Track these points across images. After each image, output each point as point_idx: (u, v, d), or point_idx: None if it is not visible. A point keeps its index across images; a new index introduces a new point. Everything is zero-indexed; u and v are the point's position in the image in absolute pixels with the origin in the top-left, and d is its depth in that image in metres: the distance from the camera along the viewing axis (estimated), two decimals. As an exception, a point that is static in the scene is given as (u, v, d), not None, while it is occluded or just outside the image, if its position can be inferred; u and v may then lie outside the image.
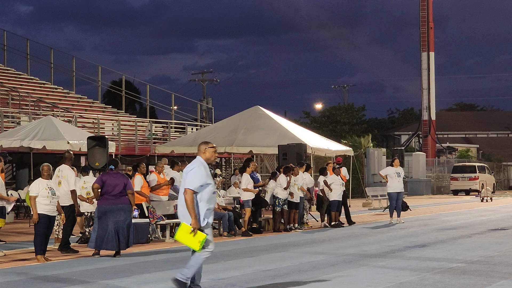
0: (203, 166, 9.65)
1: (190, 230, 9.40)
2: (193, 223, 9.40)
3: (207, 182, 9.59)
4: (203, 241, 9.42)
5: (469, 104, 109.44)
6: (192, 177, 9.53)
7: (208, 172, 9.69)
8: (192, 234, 9.39)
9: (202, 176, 9.56)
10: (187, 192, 9.47)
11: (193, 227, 9.39)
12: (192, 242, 9.42)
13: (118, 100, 46.79)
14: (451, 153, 66.71)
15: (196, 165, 9.64)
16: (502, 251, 15.33)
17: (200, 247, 9.44)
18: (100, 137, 20.53)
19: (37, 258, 14.25)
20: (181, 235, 9.48)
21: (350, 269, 12.80)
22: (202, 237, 9.41)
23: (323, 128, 69.59)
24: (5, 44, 42.31)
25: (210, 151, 9.81)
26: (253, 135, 27.44)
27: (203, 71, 73.17)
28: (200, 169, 9.58)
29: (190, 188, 9.48)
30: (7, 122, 31.74)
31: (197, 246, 9.43)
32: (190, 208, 9.42)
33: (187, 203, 9.44)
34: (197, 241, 9.40)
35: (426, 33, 61.75)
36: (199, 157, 9.78)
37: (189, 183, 9.51)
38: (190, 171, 9.59)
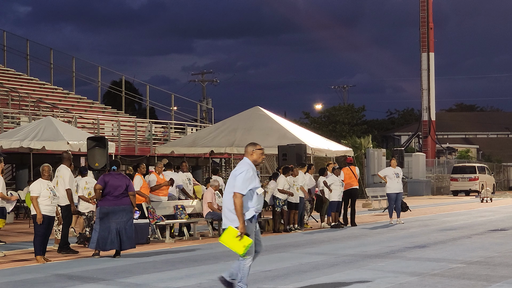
0: (251, 168, 9.64)
1: (236, 234, 9.40)
2: (241, 228, 9.39)
3: (256, 185, 9.58)
4: (248, 246, 9.42)
5: (469, 104, 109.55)
6: (241, 181, 9.50)
7: (256, 174, 9.68)
8: (238, 238, 9.39)
9: (251, 180, 9.55)
10: (237, 196, 9.44)
11: (241, 232, 9.38)
12: (237, 246, 9.43)
13: (118, 101, 46.77)
14: (451, 153, 66.73)
15: (245, 168, 9.60)
16: (502, 251, 15.32)
17: (245, 252, 9.43)
18: (100, 137, 20.54)
19: (37, 259, 14.25)
20: (227, 239, 9.48)
21: (350, 270, 12.79)
22: (248, 242, 9.41)
23: (323, 128, 69.59)
24: (5, 44, 42.32)
25: (258, 153, 9.79)
26: (253, 135, 27.39)
27: (203, 72, 73.21)
28: (249, 173, 9.56)
29: (239, 192, 9.45)
30: (7, 123, 31.73)
31: (241, 250, 9.43)
32: (239, 213, 9.41)
33: (236, 207, 9.43)
34: (242, 245, 9.40)
35: (426, 34, 61.76)
36: (246, 159, 9.76)
37: (238, 187, 9.48)
38: (239, 174, 9.56)
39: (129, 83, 56.92)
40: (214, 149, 27.75)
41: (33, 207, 14.24)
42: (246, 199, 9.50)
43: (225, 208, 9.65)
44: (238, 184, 9.49)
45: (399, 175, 24.09)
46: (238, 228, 9.40)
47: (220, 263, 13.97)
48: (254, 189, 9.54)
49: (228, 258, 14.70)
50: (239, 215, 9.41)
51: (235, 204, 9.44)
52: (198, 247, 17.18)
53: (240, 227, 9.40)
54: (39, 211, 14.14)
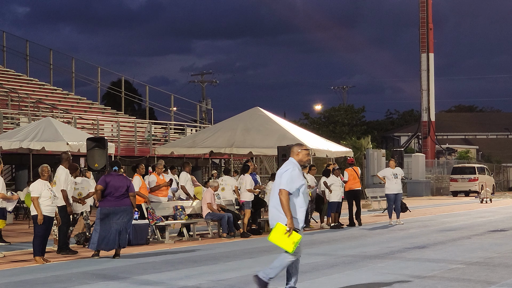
0: (297, 167, 9.70)
1: (285, 231, 9.39)
2: (289, 223, 9.40)
3: (301, 183, 9.62)
4: (298, 242, 9.43)
5: (468, 105, 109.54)
6: (287, 178, 9.55)
7: (301, 173, 9.73)
8: (287, 234, 9.39)
9: (297, 177, 9.59)
10: (283, 193, 9.48)
11: (289, 227, 9.39)
12: (286, 243, 9.43)
13: (117, 101, 46.79)
14: (450, 154, 66.74)
15: (290, 166, 9.67)
16: (501, 252, 15.32)
17: (294, 248, 9.44)
18: (100, 138, 20.53)
19: (36, 260, 14.23)
20: (275, 236, 9.48)
21: (349, 271, 12.79)
22: (297, 238, 9.42)
23: (322, 129, 69.60)
24: (4, 45, 42.34)
25: (304, 153, 9.87)
26: (252, 136, 27.42)
27: (203, 72, 73.21)
28: (294, 171, 9.61)
29: (285, 189, 9.49)
30: (7, 124, 31.73)
31: (290, 247, 9.44)
32: (286, 209, 9.43)
33: (283, 203, 9.45)
34: (291, 242, 9.40)
35: (426, 34, 61.77)
36: (292, 159, 9.83)
37: (284, 184, 9.52)
38: (284, 172, 9.62)
39: (129, 84, 56.95)
40: (213, 149, 27.74)
41: (34, 208, 14.22)
42: (292, 197, 9.53)
43: (272, 207, 9.67)
44: (283, 181, 9.54)
45: (398, 175, 24.06)
46: (287, 224, 9.40)
47: (219, 263, 13.97)
48: (300, 188, 9.58)
49: (227, 259, 14.69)
50: (286, 211, 9.43)
51: (281, 201, 9.46)
52: (198, 247, 17.18)
53: (289, 222, 9.40)
54: (40, 211, 14.14)
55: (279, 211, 9.55)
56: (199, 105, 50.71)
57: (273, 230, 9.51)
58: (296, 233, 9.43)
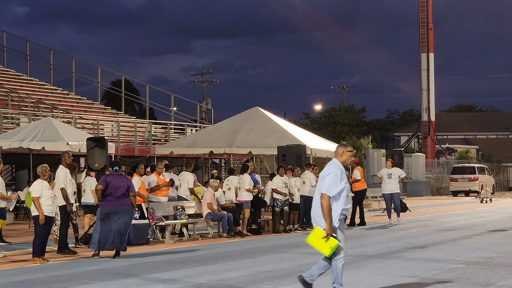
0: (340, 169, 9.62)
1: (323, 235, 9.38)
2: (327, 229, 9.37)
3: (343, 187, 9.55)
4: (334, 247, 9.39)
5: (468, 105, 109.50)
6: (329, 182, 9.49)
7: (344, 175, 9.67)
8: (324, 239, 9.37)
9: (339, 181, 9.53)
10: (324, 198, 9.43)
11: (327, 233, 9.36)
12: (323, 247, 9.41)
13: (117, 101, 46.79)
14: (450, 154, 66.75)
15: (333, 169, 9.58)
16: (501, 252, 15.32)
17: (331, 253, 9.41)
18: (100, 138, 20.53)
19: (35, 260, 14.22)
20: (313, 239, 9.47)
21: (349, 270, 12.78)
22: (334, 243, 9.38)
23: (322, 129, 69.61)
24: (4, 45, 42.33)
25: (348, 154, 9.79)
26: (252, 136, 27.43)
27: (203, 72, 73.21)
28: (337, 174, 9.54)
29: (327, 193, 9.45)
30: (7, 123, 31.73)
31: (327, 251, 9.41)
32: (326, 214, 9.40)
33: (323, 208, 9.42)
34: (328, 246, 9.37)
35: (426, 34, 61.76)
36: (335, 160, 9.75)
37: (326, 188, 9.47)
38: (327, 175, 9.55)
39: (129, 84, 56.94)
40: (213, 149, 27.76)
41: (35, 208, 14.21)
42: (334, 200, 9.49)
43: (315, 208, 9.65)
44: (325, 185, 9.49)
45: (392, 175, 24.10)
46: (325, 229, 9.38)
47: (219, 263, 13.98)
48: (342, 190, 9.52)
49: (227, 259, 14.70)
50: (325, 216, 9.40)
51: (322, 205, 9.43)
52: (198, 247, 17.18)
53: (327, 228, 9.37)
54: (42, 211, 14.13)
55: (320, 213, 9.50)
56: (199, 105, 50.70)
57: (312, 233, 9.52)
58: (334, 239, 9.38)
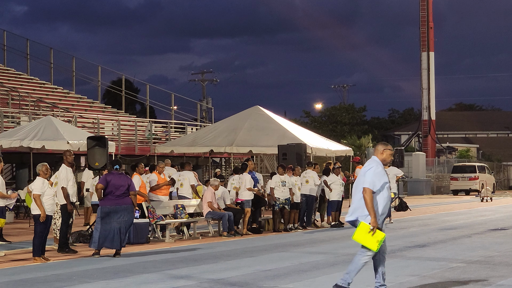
0: (380, 166, 9.68)
1: (369, 230, 9.39)
2: (373, 222, 9.40)
3: (385, 181, 9.61)
4: (382, 240, 9.42)
5: (468, 104, 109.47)
6: (371, 176, 9.54)
7: (384, 172, 9.72)
8: (371, 233, 9.38)
9: (381, 175, 9.59)
10: (367, 191, 9.47)
11: (373, 226, 9.39)
12: (370, 242, 9.42)
13: (118, 100, 46.78)
14: (451, 153, 66.70)
15: (374, 164, 9.66)
16: (502, 251, 15.32)
17: (378, 246, 9.43)
18: (100, 137, 20.53)
19: (35, 259, 14.22)
20: (359, 235, 9.49)
21: (350, 269, 12.77)
22: (381, 236, 9.41)
23: (323, 128, 69.61)
24: (5, 44, 42.33)
25: (388, 153, 9.83)
26: (253, 135, 27.42)
27: (203, 71, 73.20)
28: (378, 169, 9.61)
29: (369, 187, 9.49)
30: (7, 122, 31.74)
31: (375, 245, 9.42)
32: (370, 208, 9.43)
33: (367, 202, 9.45)
34: (375, 240, 9.40)
35: (426, 33, 61.72)
36: (375, 157, 9.80)
37: (368, 182, 9.52)
38: (368, 170, 9.61)
39: (129, 83, 56.93)
40: (214, 148, 27.75)
41: (37, 205, 14.19)
42: (375, 195, 9.52)
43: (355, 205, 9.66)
44: (367, 179, 9.54)
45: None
46: (370, 223, 9.40)
47: (220, 262, 13.98)
48: (383, 186, 9.57)
49: (228, 258, 14.70)
50: (370, 210, 9.43)
51: (365, 199, 9.46)
52: (198, 246, 17.18)
53: (372, 221, 9.39)
54: (43, 209, 14.12)
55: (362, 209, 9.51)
56: (199, 104, 50.67)
57: (357, 229, 9.52)
58: (380, 232, 9.42)
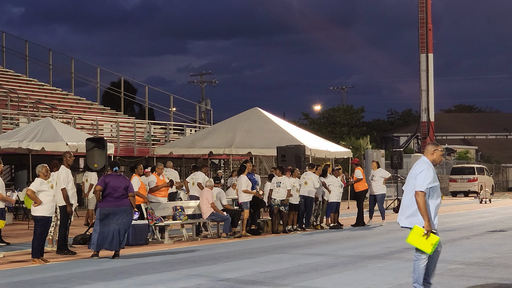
0: (431, 167, 9.62)
1: (423, 233, 9.37)
2: (427, 226, 9.36)
3: (436, 183, 9.56)
4: (436, 243, 9.40)
5: (467, 105, 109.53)
6: (423, 179, 9.48)
7: (435, 173, 9.66)
8: (425, 236, 9.37)
9: (432, 178, 9.53)
10: (419, 195, 9.43)
11: (427, 230, 9.36)
12: (425, 245, 9.41)
13: (116, 102, 46.77)
14: (450, 154, 66.75)
15: (425, 166, 9.59)
16: (501, 252, 15.33)
17: (433, 249, 9.42)
18: (99, 138, 20.52)
19: (34, 260, 14.22)
20: (413, 238, 9.48)
21: (348, 271, 12.80)
22: (435, 239, 9.38)
23: (322, 129, 69.60)
24: (3, 45, 42.33)
25: (438, 153, 9.77)
26: (252, 136, 27.43)
27: (202, 73, 73.18)
28: (429, 171, 9.54)
29: (422, 190, 9.44)
30: (6, 124, 31.73)
31: (429, 248, 9.40)
32: (423, 211, 9.40)
33: (420, 205, 9.41)
34: (429, 243, 9.38)
35: (425, 35, 61.74)
36: (424, 158, 9.74)
37: (420, 185, 9.46)
38: (420, 173, 9.55)
39: (128, 84, 56.91)
40: (213, 150, 27.75)
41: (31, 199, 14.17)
42: (429, 197, 9.48)
43: (405, 208, 9.66)
44: (419, 182, 9.48)
45: (374, 177, 24.25)
46: (424, 226, 9.37)
47: (219, 264, 13.98)
48: (434, 187, 9.53)
49: (226, 259, 14.70)
50: (423, 214, 9.39)
51: (418, 202, 9.42)
52: (197, 248, 17.18)
53: (426, 225, 9.36)
54: (40, 200, 14.09)
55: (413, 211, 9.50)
56: (198, 106, 50.67)
57: (411, 233, 9.51)
58: (434, 235, 9.39)
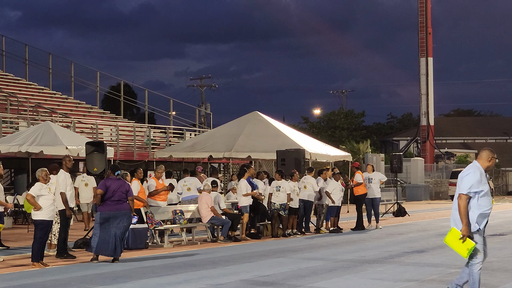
0: (479, 171, 9.54)
1: (459, 236, 9.33)
2: (463, 230, 9.32)
3: (481, 188, 9.47)
4: (471, 249, 9.33)
5: (467, 109, 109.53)
6: (467, 182, 9.45)
7: (484, 178, 9.57)
8: (461, 240, 9.31)
9: (477, 182, 9.46)
10: (462, 198, 9.40)
11: (463, 234, 9.31)
12: (461, 249, 9.35)
13: (116, 106, 46.76)
14: (449, 158, 66.72)
15: (472, 170, 9.55)
16: (500, 256, 15.33)
17: (468, 254, 9.35)
18: (99, 142, 20.51)
19: (34, 264, 14.21)
20: (450, 240, 9.43)
21: (348, 275, 12.80)
22: (471, 245, 9.32)
23: (321, 133, 69.59)
24: (3, 49, 42.31)
25: (494, 161, 9.75)
26: (251, 140, 27.42)
27: (202, 77, 73.18)
28: (476, 175, 9.48)
29: (463, 193, 9.41)
30: (6, 128, 31.71)
31: (464, 253, 9.35)
32: (462, 214, 9.36)
33: (460, 208, 9.39)
34: (465, 248, 9.32)
35: (425, 39, 61.77)
36: (476, 162, 9.69)
37: (463, 188, 9.44)
38: (466, 176, 9.52)
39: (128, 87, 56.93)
40: (212, 154, 27.74)
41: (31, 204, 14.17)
42: (473, 201, 9.42)
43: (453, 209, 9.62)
44: (464, 185, 9.45)
45: (372, 180, 24.25)
46: (461, 230, 9.33)
47: (218, 268, 13.97)
48: (481, 192, 9.46)
49: (226, 263, 14.69)
50: (462, 217, 9.35)
51: (458, 205, 9.40)
52: (197, 252, 17.18)
53: (463, 229, 9.32)
54: (39, 205, 14.09)
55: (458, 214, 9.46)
56: (198, 109, 50.68)
57: (449, 234, 9.47)
58: (470, 240, 9.32)
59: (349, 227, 24.00)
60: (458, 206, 9.40)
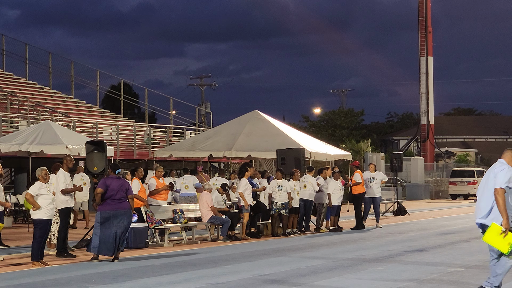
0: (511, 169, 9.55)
1: (500, 231, 9.26)
2: (505, 224, 9.26)
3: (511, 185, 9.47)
4: None
5: (467, 108, 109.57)
6: (503, 176, 9.44)
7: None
8: (502, 235, 9.24)
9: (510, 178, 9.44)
10: (499, 192, 9.35)
11: (505, 228, 9.24)
12: (502, 244, 9.28)
13: (116, 105, 46.75)
14: (449, 157, 66.75)
15: (505, 166, 9.57)
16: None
17: (509, 249, 9.29)
18: (99, 141, 20.52)
19: (34, 263, 14.22)
20: (490, 236, 9.36)
21: (348, 274, 12.80)
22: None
23: (321, 132, 69.58)
24: (3, 48, 42.30)
25: None
26: (252, 139, 27.43)
27: (202, 76, 73.19)
28: (510, 170, 9.50)
29: (502, 187, 9.36)
30: (6, 127, 31.72)
31: (506, 248, 9.29)
32: (502, 209, 9.30)
33: (499, 203, 9.32)
34: (506, 243, 9.26)
35: (425, 38, 61.75)
36: (503, 161, 9.71)
37: (500, 183, 9.40)
38: (501, 171, 9.52)
39: (129, 87, 56.95)
40: (212, 153, 27.76)
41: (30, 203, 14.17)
42: (507, 196, 9.40)
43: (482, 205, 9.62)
44: (499, 180, 9.42)
45: (374, 179, 24.27)
46: (502, 224, 9.28)
47: (218, 267, 13.98)
48: None
49: (226, 262, 14.70)
50: (502, 211, 9.30)
51: (497, 200, 9.34)
52: (197, 251, 17.19)
53: (504, 223, 9.26)
54: (38, 205, 14.09)
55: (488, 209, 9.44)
56: (198, 109, 50.68)
57: (488, 231, 9.39)
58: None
59: (349, 226, 24.00)
60: (497, 200, 9.34)
